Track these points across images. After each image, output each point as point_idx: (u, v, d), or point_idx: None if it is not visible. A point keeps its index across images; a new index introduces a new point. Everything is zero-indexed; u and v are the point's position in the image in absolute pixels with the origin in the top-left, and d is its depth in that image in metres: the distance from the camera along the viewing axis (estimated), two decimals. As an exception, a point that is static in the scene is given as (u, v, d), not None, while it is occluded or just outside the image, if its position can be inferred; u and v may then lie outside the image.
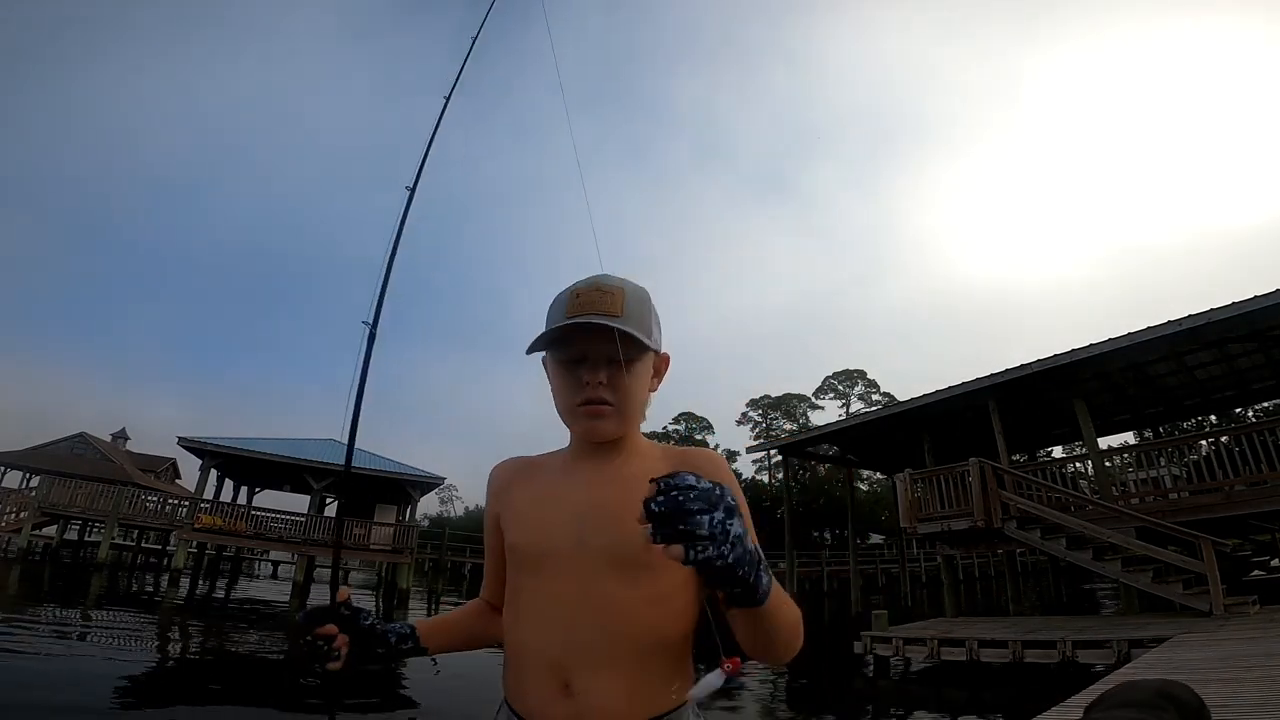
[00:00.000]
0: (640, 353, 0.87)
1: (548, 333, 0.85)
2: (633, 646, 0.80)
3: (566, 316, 0.84)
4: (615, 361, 0.84)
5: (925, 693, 7.08)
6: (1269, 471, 7.96)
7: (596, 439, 0.89)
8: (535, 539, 0.88)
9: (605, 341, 0.82)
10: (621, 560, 0.81)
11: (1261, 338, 9.27)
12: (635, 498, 0.84)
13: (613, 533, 0.83)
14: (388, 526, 20.49)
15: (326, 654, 0.86)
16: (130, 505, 19.36)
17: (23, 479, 29.32)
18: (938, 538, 10.35)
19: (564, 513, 0.87)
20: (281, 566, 27.89)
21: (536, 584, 0.86)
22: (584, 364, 0.86)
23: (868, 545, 34.78)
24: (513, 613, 0.89)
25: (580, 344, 0.85)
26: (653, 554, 0.79)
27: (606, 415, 0.86)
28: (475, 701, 5.42)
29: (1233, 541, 10.29)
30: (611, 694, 0.79)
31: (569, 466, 0.93)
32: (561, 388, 0.88)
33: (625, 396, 0.87)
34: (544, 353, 0.91)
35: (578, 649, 0.80)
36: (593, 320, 0.82)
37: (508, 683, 0.88)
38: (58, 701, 4.89)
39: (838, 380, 48.03)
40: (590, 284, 0.87)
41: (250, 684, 6.56)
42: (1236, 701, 2.98)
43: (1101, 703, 0.86)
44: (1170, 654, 4.71)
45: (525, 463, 0.99)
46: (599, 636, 0.80)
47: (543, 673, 0.82)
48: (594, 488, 0.88)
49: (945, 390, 11.26)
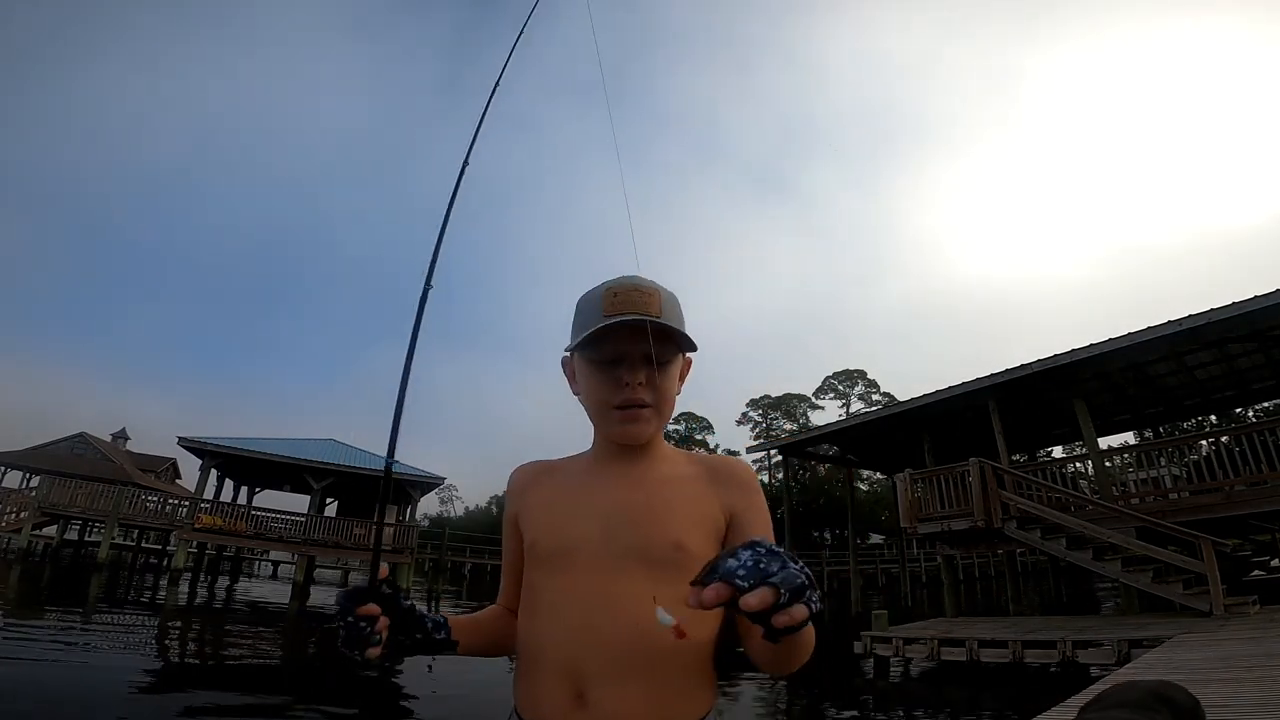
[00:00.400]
0: (674, 354, 0.86)
1: (596, 330, 0.81)
2: (653, 650, 0.76)
3: (604, 315, 0.81)
4: (653, 360, 0.82)
5: (925, 693, 7.08)
6: (1269, 471, 7.96)
7: (634, 441, 0.86)
8: (557, 535, 0.85)
9: (643, 342, 0.80)
10: (648, 559, 0.80)
11: (1261, 338, 9.27)
12: (664, 499, 0.85)
13: (640, 531, 0.81)
14: (388, 526, 20.49)
15: (368, 637, 0.78)
16: (130, 505, 19.36)
17: (23, 479, 29.31)
18: (938, 538, 10.35)
19: (589, 511, 0.85)
20: (281, 566, 27.91)
21: (555, 582, 0.83)
22: (621, 364, 0.83)
23: (868, 545, 34.81)
24: (528, 613, 0.86)
25: (616, 343, 0.82)
26: (684, 558, 0.79)
27: (645, 418, 0.84)
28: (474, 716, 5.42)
29: (1233, 541, 10.29)
30: (628, 706, 0.75)
31: (593, 468, 0.91)
32: (596, 388, 0.85)
33: (662, 398, 0.86)
34: (568, 352, 0.89)
35: (595, 652, 0.77)
36: (642, 320, 0.80)
37: (518, 689, 0.84)
38: (59, 701, 4.89)
39: (838, 380, 48.03)
40: (627, 283, 0.84)
41: (252, 684, 6.56)
42: (1236, 701, 2.97)
43: (1097, 703, 0.86)
44: (1170, 654, 4.71)
45: (546, 465, 0.97)
46: (619, 638, 0.77)
47: (556, 678, 0.78)
48: (621, 489, 0.86)
49: (945, 390, 11.25)
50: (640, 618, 0.76)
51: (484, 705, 5.46)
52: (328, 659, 7.86)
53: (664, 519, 0.82)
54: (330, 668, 7.23)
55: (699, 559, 0.80)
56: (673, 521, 0.82)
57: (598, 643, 0.77)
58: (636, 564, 0.80)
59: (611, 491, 0.86)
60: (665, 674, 0.77)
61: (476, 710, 5.53)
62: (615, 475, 0.88)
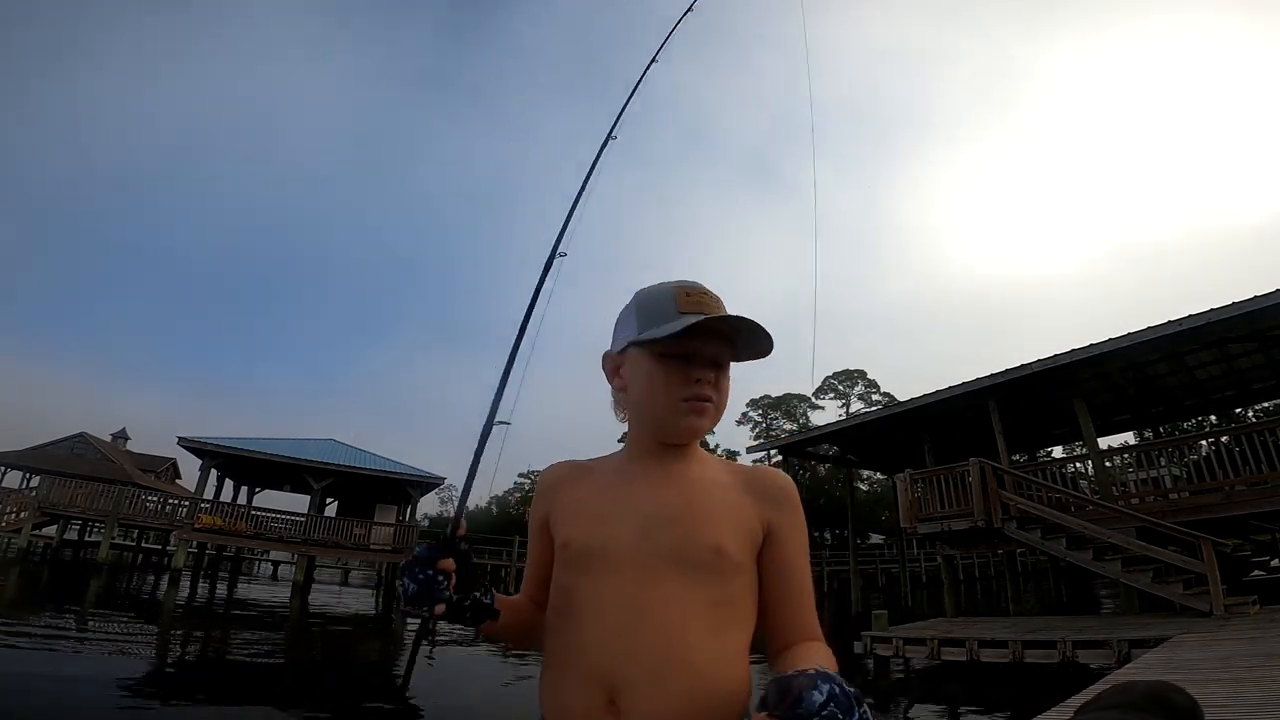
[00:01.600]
0: (731, 359, 0.87)
1: (690, 325, 0.80)
2: (688, 654, 0.75)
3: (680, 311, 0.82)
4: (723, 361, 0.85)
5: (925, 693, 7.08)
6: (1269, 471, 7.95)
7: (694, 436, 0.87)
8: (591, 536, 0.84)
9: (714, 343, 0.83)
10: (685, 561, 0.79)
11: (1261, 338, 9.27)
12: (702, 502, 0.84)
13: (678, 532, 0.80)
14: (388, 526, 20.49)
15: (441, 593, 0.79)
16: (130, 505, 19.35)
17: (23, 479, 29.29)
18: (938, 538, 10.34)
19: (625, 511, 0.84)
20: (282, 567, 27.89)
21: (588, 583, 0.81)
22: (693, 361, 0.84)
23: (868, 545, 34.78)
24: (559, 615, 0.83)
25: (692, 340, 0.83)
26: (721, 560, 0.79)
27: (708, 413, 0.85)
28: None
29: (1233, 541, 10.27)
30: (661, 713, 0.73)
31: (628, 468, 0.89)
32: (664, 382, 0.84)
33: (723, 398, 0.86)
34: (627, 346, 0.88)
35: (628, 658, 0.75)
36: (732, 318, 0.81)
37: (545, 695, 0.82)
38: (60, 704, 4.88)
39: (838, 380, 48.00)
40: (693, 286, 0.86)
41: (251, 685, 6.55)
42: (1236, 701, 2.97)
43: (1093, 704, 0.86)
44: (1170, 654, 4.71)
45: (579, 465, 0.96)
46: (653, 644, 0.75)
47: (587, 684, 0.76)
48: (658, 489, 0.85)
49: (945, 390, 11.25)
50: (677, 621, 0.76)
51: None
52: (327, 662, 7.84)
53: (702, 521, 0.82)
54: (330, 670, 7.20)
55: (737, 564, 0.80)
56: (712, 524, 0.81)
57: (631, 649, 0.75)
58: (673, 567, 0.79)
59: (648, 492, 0.85)
60: (700, 681, 0.75)
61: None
62: (651, 475, 0.87)
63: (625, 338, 0.88)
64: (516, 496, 54.92)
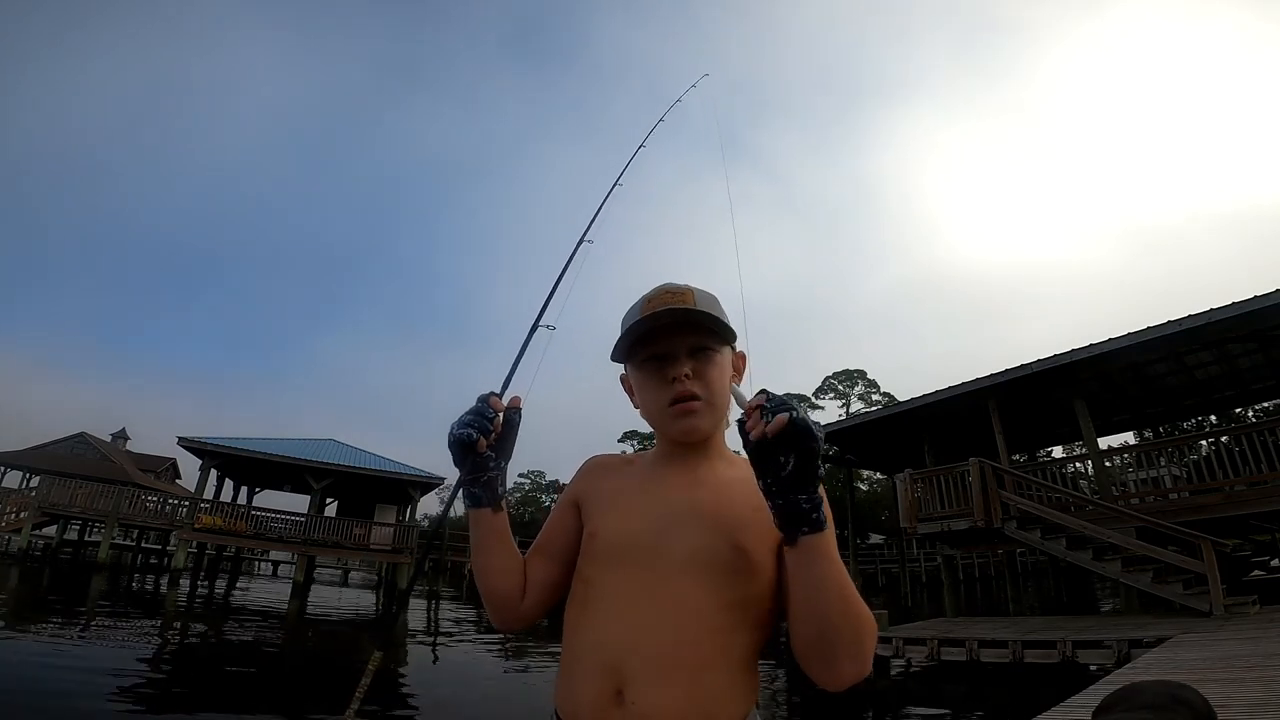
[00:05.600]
0: (718, 345, 0.87)
1: (628, 332, 0.86)
2: (698, 652, 0.75)
3: (643, 319, 0.85)
4: (697, 351, 0.85)
5: (925, 693, 7.08)
6: (1269, 471, 7.95)
7: (691, 436, 0.86)
8: (617, 531, 0.85)
9: (683, 335, 0.84)
10: (706, 562, 0.79)
11: (1261, 338, 9.25)
12: (727, 501, 0.84)
13: (702, 533, 0.81)
14: (388, 526, 20.47)
15: (488, 425, 0.81)
16: (130, 505, 19.34)
17: (23, 479, 29.30)
18: (938, 538, 10.34)
19: (651, 508, 0.85)
20: (282, 566, 27.88)
21: (608, 578, 0.82)
22: (666, 360, 0.85)
23: (868, 545, 34.72)
24: (577, 607, 0.84)
25: (657, 342, 0.85)
26: (741, 560, 0.79)
27: (699, 410, 0.85)
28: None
29: (1233, 541, 10.26)
30: (666, 707, 0.74)
31: (656, 467, 0.91)
32: (648, 389, 0.87)
33: (713, 391, 0.85)
34: (623, 369, 0.92)
35: (638, 651, 0.76)
36: (672, 309, 0.83)
37: (559, 685, 0.83)
38: (60, 705, 4.88)
39: (838, 380, 48.01)
40: (661, 288, 0.88)
41: (253, 686, 6.55)
42: (1236, 701, 2.97)
43: (1115, 705, 0.85)
44: (1170, 654, 4.70)
45: (622, 457, 0.99)
46: (662, 639, 0.76)
47: (597, 675, 0.77)
48: (682, 488, 0.86)
49: (945, 390, 11.25)
50: (690, 620, 0.76)
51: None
52: (325, 662, 7.83)
53: (726, 520, 0.82)
54: (328, 668, 7.20)
55: (759, 565, 0.79)
56: (735, 523, 0.81)
57: (641, 642, 0.76)
58: (692, 565, 0.79)
59: (674, 490, 0.86)
60: (707, 676, 0.76)
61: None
62: (677, 474, 0.87)
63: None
64: (516, 497, 54.93)
